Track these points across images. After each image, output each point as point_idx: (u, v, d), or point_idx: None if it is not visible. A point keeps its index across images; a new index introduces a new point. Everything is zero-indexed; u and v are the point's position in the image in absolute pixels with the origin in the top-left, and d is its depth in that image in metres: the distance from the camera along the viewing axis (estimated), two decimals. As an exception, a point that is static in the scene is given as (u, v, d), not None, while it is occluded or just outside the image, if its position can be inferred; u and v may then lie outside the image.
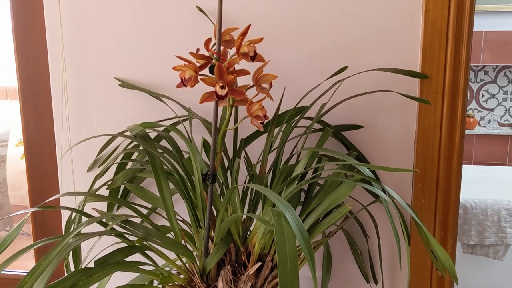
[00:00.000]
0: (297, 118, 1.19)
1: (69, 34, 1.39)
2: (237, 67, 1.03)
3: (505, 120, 4.09)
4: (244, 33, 0.96)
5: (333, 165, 1.14)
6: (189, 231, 1.19)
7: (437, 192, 1.27)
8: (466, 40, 1.19)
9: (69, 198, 1.48)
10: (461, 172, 1.26)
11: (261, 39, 0.97)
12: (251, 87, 1.03)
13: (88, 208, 1.33)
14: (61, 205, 1.49)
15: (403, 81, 1.24)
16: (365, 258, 1.34)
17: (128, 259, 1.00)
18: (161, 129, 1.23)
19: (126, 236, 1.04)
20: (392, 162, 1.29)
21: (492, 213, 2.52)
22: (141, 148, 1.20)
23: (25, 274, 0.90)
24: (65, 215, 1.51)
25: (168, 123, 1.31)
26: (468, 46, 1.20)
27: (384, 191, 0.99)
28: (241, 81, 1.05)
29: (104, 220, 1.07)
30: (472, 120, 3.98)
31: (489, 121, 4.06)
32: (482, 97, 4.09)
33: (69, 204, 1.48)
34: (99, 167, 1.36)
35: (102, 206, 1.41)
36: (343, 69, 1.18)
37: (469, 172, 2.97)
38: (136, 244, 1.06)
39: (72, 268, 1.30)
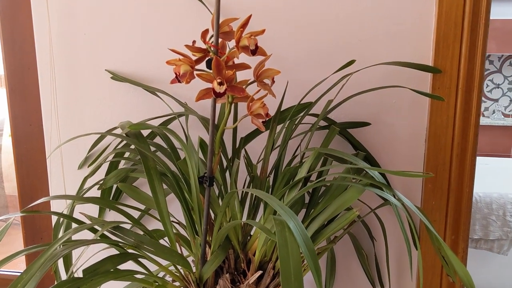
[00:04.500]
0: (301, 114, 1.11)
1: (58, 23, 1.30)
2: (236, 60, 0.95)
3: (510, 111, 4.01)
4: (244, 25, 0.88)
5: (339, 166, 1.07)
6: (184, 233, 1.12)
7: (449, 194, 1.19)
8: (483, 31, 1.11)
9: (59, 193, 1.40)
10: (474, 173, 1.19)
11: (263, 31, 0.89)
12: (251, 82, 0.95)
13: (78, 210, 1.26)
14: (50, 203, 1.42)
15: (413, 75, 1.16)
16: (371, 262, 1.27)
17: (120, 266, 0.93)
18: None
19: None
20: (401, 161, 1.22)
21: (497, 207, 2.46)
22: (133, 147, 1.12)
23: (14, 273, 0.83)
24: (54, 209, 1.44)
25: (163, 120, 1.23)
26: (485, 38, 1.11)
27: (394, 196, 0.92)
28: (240, 75, 0.97)
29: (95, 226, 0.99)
30: (476, 110, 3.90)
31: (494, 112, 3.98)
32: (487, 87, 4.00)
33: (60, 204, 1.41)
34: (88, 166, 1.28)
35: (94, 207, 1.33)
36: (351, 62, 1.10)
37: (473, 164, 2.90)
38: (128, 251, 0.99)
39: (62, 274, 1.23)
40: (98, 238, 0.92)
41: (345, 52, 1.18)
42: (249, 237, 1.07)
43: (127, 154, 1.26)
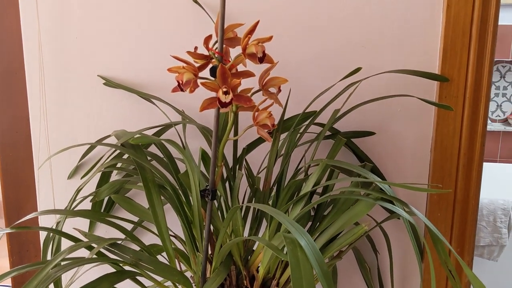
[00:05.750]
0: (306, 123, 1.07)
1: (48, 26, 1.24)
2: (239, 67, 0.90)
3: (497, 116, 4.02)
4: (251, 31, 0.83)
5: (347, 179, 1.02)
6: (181, 247, 1.07)
7: (455, 205, 1.16)
8: (491, 39, 1.08)
9: (47, 205, 1.34)
10: (480, 184, 1.16)
11: (270, 38, 0.84)
12: (256, 91, 0.91)
13: (68, 223, 1.20)
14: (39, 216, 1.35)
15: (419, 84, 1.13)
16: (373, 275, 1.23)
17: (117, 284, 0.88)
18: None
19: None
20: (406, 171, 1.18)
21: (488, 213, 2.46)
22: (125, 157, 1.07)
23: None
24: (42, 222, 1.37)
25: (159, 129, 1.17)
26: (493, 46, 1.08)
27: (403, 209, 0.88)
28: (242, 83, 0.92)
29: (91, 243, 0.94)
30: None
31: (481, 117, 3.99)
32: (474, 92, 4.02)
33: (48, 216, 1.34)
34: (81, 178, 1.22)
35: (84, 219, 1.27)
36: (357, 70, 1.06)
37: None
38: (125, 268, 0.93)
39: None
40: (95, 256, 0.86)
41: (350, 59, 1.14)
42: (251, 252, 1.03)
43: (119, 164, 1.20)
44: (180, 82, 0.84)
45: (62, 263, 0.86)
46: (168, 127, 1.19)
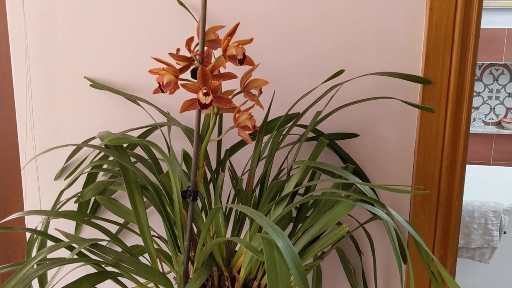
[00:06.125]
0: (288, 125, 1.07)
1: (34, 28, 1.24)
2: (222, 69, 0.91)
3: (490, 119, 4.04)
4: (231, 33, 0.84)
5: (328, 181, 1.03)
6: (165, 248, 1.08)
7: (438, 207, 1.17)
8: (474, 42, 1.09)
9: (34, 206, 1.34)
10: (463, 186, 1.17)
11: (251, 40, 0.85)
12: (238, 93, 0.91)
13: (53, 224, 1.20)
14: (25, 216, 1.35)
15: (403, 86, 1.13)
16: (358, 276, 1.24)
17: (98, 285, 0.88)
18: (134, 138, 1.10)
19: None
20: (390, 173, 1.19)
21: (479, 215, 2.46)
22: (111, 158, 1.07)
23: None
24: (29, 223, 1.38)
25: (145, 130, 1.18)
26: (475, 49, 1.09)
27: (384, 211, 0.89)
28: (225, 84, 0.93)
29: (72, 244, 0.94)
30: (457, 118, 3.91)
31: (474, 120, 4.01)
32: (467, 95, 4.03)
33: (34, 217, 1.34)
34: (65, 179, 1.22)
35: (70, 221, 1.27)
36: (339, 72, 1.07)
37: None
38: (106, 269, 0.93)
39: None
40: (75, 257, 0.86)
41: (333, 61, 1.15)
42: (233, 253, 1.03)
43: (106, 165, 1.21)
44: (161, 83, 0.85)
45: (43, 263, 0.86)
46: (153, 128, 1.20)
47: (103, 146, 0.97)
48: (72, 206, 1.17)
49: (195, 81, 0.84)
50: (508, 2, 3.74)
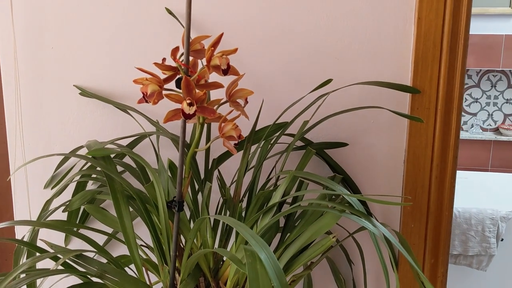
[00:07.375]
0: (276, 135, 1.07)
1: (23, 36, 1.24)
2: (211, 78, 0.90)
3: (488, 125, 4.03)
4: (215, 43, 0.84)
5: (315, 191, 1.03)
6: (153, 257, 1.07)
7: (428, 216, 1.16)
8: (462, 51, 1.08)
9: (24, 215, 1.33)
10: (453, 195, 1.16)
11: (235, 50, 0.85)
12: (223, 103, 0.91)
13: (42, 233, 1.20)
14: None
15: (392, 95, 1.13)
16: (348, 286, 1.23)
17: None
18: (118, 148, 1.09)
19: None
20: (379, 182, 1.18)
21: (476, 222, 2.45)
22: (99, 168, 1.07)
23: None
24: (18, 231, 1.37)
25: (133, 139, 1.17)
26: (464, 58, 1.09)
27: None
28: (214, 94, 0.93)
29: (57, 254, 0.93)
30: (454, 124, 3.90)
31: (472, 126, 4.00)
32: (465, 101, 4.02)
33: (23, 226, 1.34)
34: (52, 188, 1.22)
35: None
36: (328, 82, 1.07)
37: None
38: (92, 279, 0.93)
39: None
40: (60, 267, 0.86)
41: (322, 70, 1.14)
42: (221, 264, 1.02)
43: (95, 175, 1.20)
44: (145, 93, 0.84)
45: (29, 273, 0.86)
46: (142, 137, 1.19)
47: (90, 156, 0.97)
48: (63, 214, 1.16)
49: (180, 91, 0.84)
50: (506, 8, 3.74)
